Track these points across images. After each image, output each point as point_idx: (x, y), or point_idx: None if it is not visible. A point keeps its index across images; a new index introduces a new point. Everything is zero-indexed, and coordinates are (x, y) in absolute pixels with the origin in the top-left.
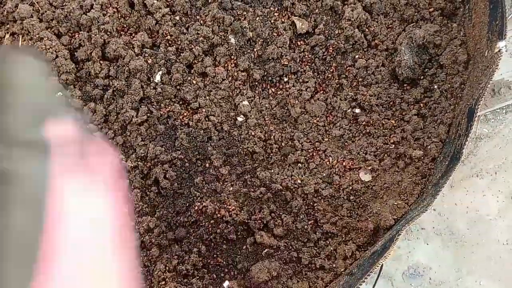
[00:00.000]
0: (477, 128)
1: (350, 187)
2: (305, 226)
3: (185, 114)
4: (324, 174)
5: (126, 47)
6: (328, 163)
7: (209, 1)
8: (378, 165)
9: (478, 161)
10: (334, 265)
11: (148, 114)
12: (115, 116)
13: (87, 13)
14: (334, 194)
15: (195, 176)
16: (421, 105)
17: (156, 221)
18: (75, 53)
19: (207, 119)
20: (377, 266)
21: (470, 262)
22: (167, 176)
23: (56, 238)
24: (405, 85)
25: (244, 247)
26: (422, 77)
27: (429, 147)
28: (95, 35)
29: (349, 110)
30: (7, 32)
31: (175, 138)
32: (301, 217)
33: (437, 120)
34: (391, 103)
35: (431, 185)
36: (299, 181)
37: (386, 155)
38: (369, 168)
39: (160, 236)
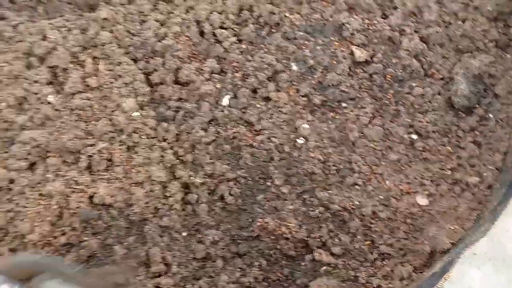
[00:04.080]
0: None
1: (407, 210)
2: (362, 246)
3: (249, 135)
4: (381, 197)
5: (197, 72)
6: (385, 186)
7: (273, 31)
8: (435, 190)
9: None
10: (391, 285)
11: (216, 135)
12: (186, 136)
13: (162, 41)
14: (391, 217)
15: (258, 193)
16: (477, 133)
17: (221, 235)
18: (150, 76)
19: (269, 140)
20: None
21: None
22: (232, 193)
23: None
24: (460, 113)
25: (303, 263)
26: (477, 105)
27: (485, 174)
28: (169, 61)
29: (406, 136)
30: (89, 56)
31: (239, 157)
32: (358, 237)
33: (492, 148)
34: (447, 130)
35: (488, 211)
36: (357, 203)
37: (442, 180)
38: (426, 192)
39: (225, 249)
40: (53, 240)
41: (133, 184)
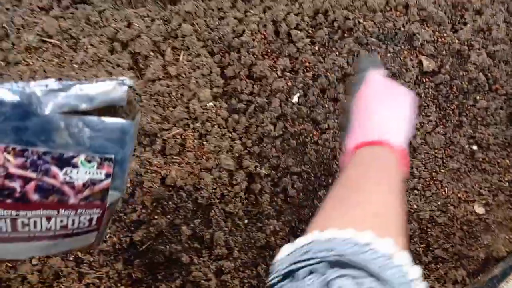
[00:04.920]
0: None
1: (464, 218)
2: (418, 249)
3: (315, 133)
4: (439, 203)
5: (270, 69)
6: (443, 193)
7: (346, 35)
8: (492, 200)
9: None
10: None
11: (284, 130)
12: (255, 128)
13: (239, 37)
14: (448, 223)
15: (319, 189)
16: None
17: (281, 225)
18: (225, 70)
19: (334, 139)
20: None
21: None
22: (294, 186)
23: None
24: None
25: None
26: None
27: None
28: (244, 56)
29: (467, 146)
30: (169, 46)
31: (304, 153)
32: (414, 239)
33: None
34: (507, 144)
35: None
36: (415, 206)
37: (500, 191)
38: (483, 202)
39: (284, 239)
40: (123, 217)
41: (203, 170)
